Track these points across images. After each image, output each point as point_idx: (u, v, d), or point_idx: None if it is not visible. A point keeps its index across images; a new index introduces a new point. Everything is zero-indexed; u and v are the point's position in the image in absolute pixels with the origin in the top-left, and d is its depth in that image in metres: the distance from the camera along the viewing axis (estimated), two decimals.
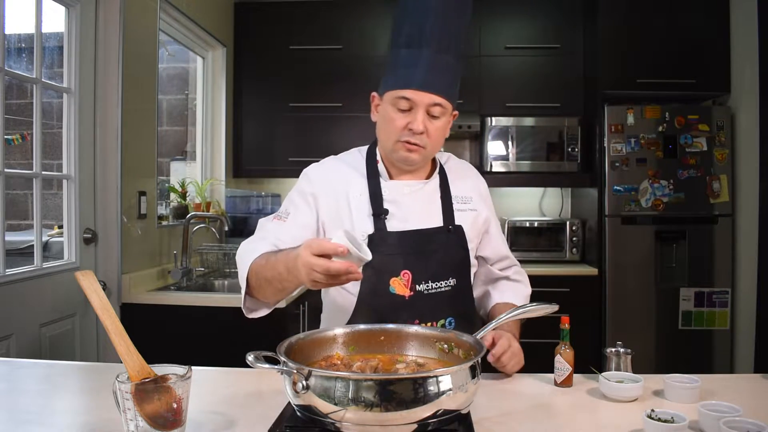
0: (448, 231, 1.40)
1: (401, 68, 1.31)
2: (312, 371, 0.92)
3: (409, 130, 1.31)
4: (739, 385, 1.31)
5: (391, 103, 1.32)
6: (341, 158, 1.50)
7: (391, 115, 1.32)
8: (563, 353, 1.27)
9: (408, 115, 1.31)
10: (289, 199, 1.43)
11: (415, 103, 1.29)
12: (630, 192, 3.34)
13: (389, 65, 1.35)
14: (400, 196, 1.40)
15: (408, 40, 1.31)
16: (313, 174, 1.46)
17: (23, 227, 4.34)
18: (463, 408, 0.98)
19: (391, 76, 1.33)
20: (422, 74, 1.29)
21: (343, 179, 1.42)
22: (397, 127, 1.31)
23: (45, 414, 1.13)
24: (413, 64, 1.29)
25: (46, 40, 2.78)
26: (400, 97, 1.30)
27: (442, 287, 1.36)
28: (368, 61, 3.75)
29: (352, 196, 1.39)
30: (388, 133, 1.34)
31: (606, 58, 3.42)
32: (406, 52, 1.31)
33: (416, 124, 1.29)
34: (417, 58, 1.29)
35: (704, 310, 3.31)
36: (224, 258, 3.25)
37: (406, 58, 1.31)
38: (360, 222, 1.37)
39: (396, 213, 1.38)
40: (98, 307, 0.98)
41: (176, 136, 4.71)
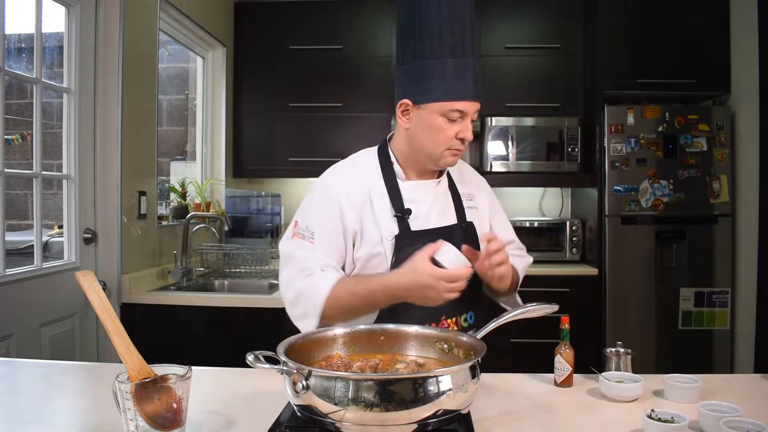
0: (462, 228, 1.43)
1: (451, 79, 1.32)
2: (312, 371, 0.92)
3: (459, 139, 1.35)
4: (739, 385, 1.31)
5: (441, 113, 1.33)
6: (354, 162, 1.49)
7: (442, 125, 1.34)
8: (563, 353, 1.27)
9: (458, 124, 1.34)
10: (309, 216, 1.40)
11: (466, 113, 1.34)
12: (630, 192, 3.34)
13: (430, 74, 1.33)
14: (420, 195, 1.43)
15: (453, 50, 1.33)
16: (331, 184, 1.43)
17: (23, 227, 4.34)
18: (463, 408, 0.98)
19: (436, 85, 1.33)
20: (472, 85, 1.33)
21: (363, 183, 1.42)
22: (448, 136, 1.35)
23: (45, 414, 1.13)
24: (463, 76, 1.32)
25: (46, 40, 2.79)
26: (454, 110, 1.32)
27: None
28: (368, 61, 3.75)
29: (374, 196, 1.40)
30: (437, 142, 1.36)
31: (606, 58, 3.42)
32: (453, 61, 1.32)
33: (469, 134, 1.35)
34: (465, 68, 1.33)
35: (704, 310, 3.31)
36: (224, 258, 3.25)
37: (453, 69, 1.32)
38: (385, 223, 1.38)
39: (417, 212, 1.41)
40: (98, 307, 0.98)
41: (176, 136, 4.71)
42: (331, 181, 1.44)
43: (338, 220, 1.38)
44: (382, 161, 1.45)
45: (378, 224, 1.38)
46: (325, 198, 1.40)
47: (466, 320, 1.42)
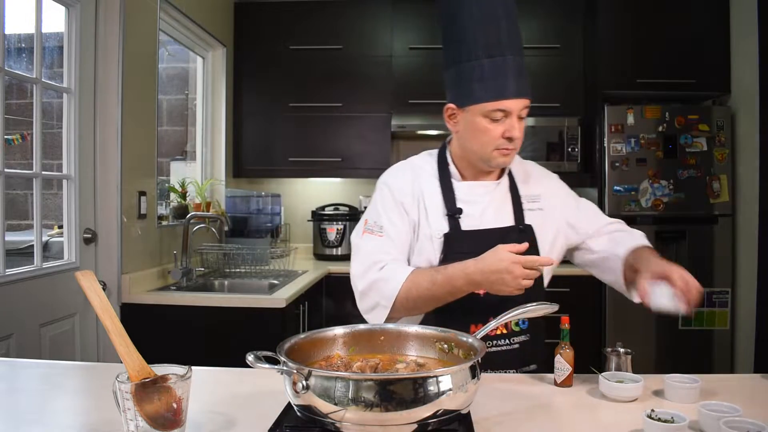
0: (519, 230, 1.42)
1: (490, 79, 1.32)
2: (312, 371, 0.92)
3: (506, 138, 1.35)
4: (739, 385, 1.31)
5: (483, 114, 1.34)
6: (411, 162, 1.53)
7: (486, 126, 1.35)
8: (563, 353, 1.27)
9: (502, 124, 1.34)
10: (377, 212, 1.46)
11: (509, 111, 1.33)
12: (630, 192, 3.34)
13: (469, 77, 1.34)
14: (474, 196, 1.44)
15: (489, 50, 1.33)
16: (392, 182, 1.48)
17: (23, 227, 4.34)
18: (463, 408, 0.98)
19: (477, 87, 1.34)
20: (513, 82, 1.32)
21: (418, 181, 1.46)
22: (494, 137, 1.35)
23: (45, 414, 1.13)
24: (502, 74, 1.32)
25: (46, 40, 2.79)
26: (496, 110, 1.32)
27: None
28: (368, 61, 3.75)
29: (426, 196, 1.44)
30: (483, 143, 1.37)
31: (606, 58, 3.42)
32: (489, 62, 1.32)
33: (515, 132, 1.34)
34: (503, 66, 1.32)
35: (704, 310, 3.31)
36: (224, 258, 3.25)
37: (491, 68, 1.32)
38: (435, 221, 1.41)
39: (470, 212, 1.42)
40: (98, 307, 0.98)
41: (176, 136, 4.71)
42: (389, 179, 1.50)
43: (403, 213, 1.43)
44: (439, 162, 1.48)
45: (429, 223, 1.41)
46: (387, 195, 1.46)
47: (518, 324, 1.41)
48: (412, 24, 3.77)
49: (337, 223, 3.77)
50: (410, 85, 3.72)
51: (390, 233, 1.42)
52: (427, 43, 3.73)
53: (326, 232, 3.78)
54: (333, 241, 3.75)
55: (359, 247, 1.44)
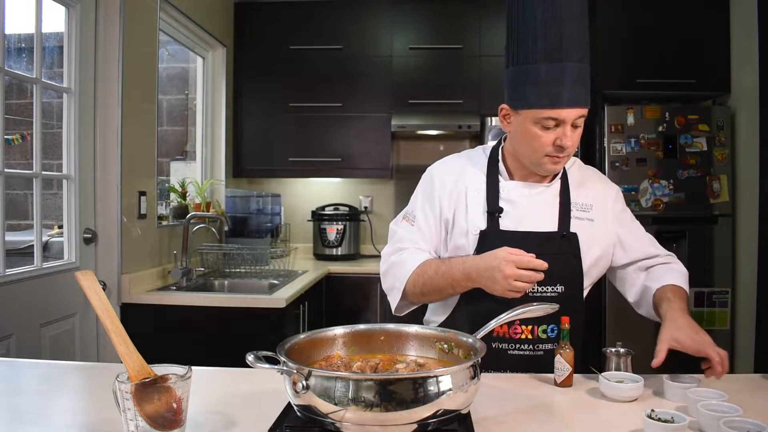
0: (561, 237, 1.38)
1: (544, 86, 1.27)
2: (312, 371, 0.92)
3: (557, 146, 1.31)
4: (739, 385, 1.31)
5: (534, 121, 1.30)
6: (465, 155, 1.54)
7: (537, 132, 1.31)
8: (563, 353, 1.27)
9: (554, 131, 1.30)
10: (415, 202, 1.50)
11: (562, 120, 1.29)
12: (630, 192, 3.34)
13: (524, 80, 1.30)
14: (518, 196, 1.42)
15: (548, 54, 1.27)
16: (436, 174, 1.50)
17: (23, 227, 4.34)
18: (463, 408, 0.98)
19: (530, 92, 1.29)
20: (568, 91, 1.27)
21: (463, 174, 1.46)
22: (544, 144, 1.32)
23: (45, 414, 1.13)
24: (557, 81, 1.26)
25: (46, 40, 2.79)
26: (548, 117, 1.28)
27: (548, 292, 1.36)
28: (368, 61, 3.75)
29: (470, 192, 1.43)
30: (533, 149, 1.34)
31: (606, 58, 3.42)
32: (546, 67, 1.27)
33: (566, 141, 1.29)
34: (560, 73, 1.26)
35: (704, 310, 3.31)
36: (224, 258, 3.25)
37: (547, 74, 1.27)
38: (474, 217, 1.41)
39: (511, 212, 1.40)
40: (98, 307, 0.98)
41: (176, 136, 4.71)
42: (434, 169, 1.51)
43: (437, 206, 1.45)
44: (490, 158, 1.47)
45: (467, 218, 1.41)
46: (427, 185, 1.48)
47: (545, 332, 1.37)
48: (412, 24, 3.77)
49: (337, 223, 3.77)
50: (410, 85, 3.72)
51: (421, 224, 1.45)
52: (427, 43, 3.73)
53: (326, 232, 3.78)
54: (333, 241, 3.75)
55: (392, 232, 1.49)
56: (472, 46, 3.70)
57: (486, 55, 3.70)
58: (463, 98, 3.69)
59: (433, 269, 1.35)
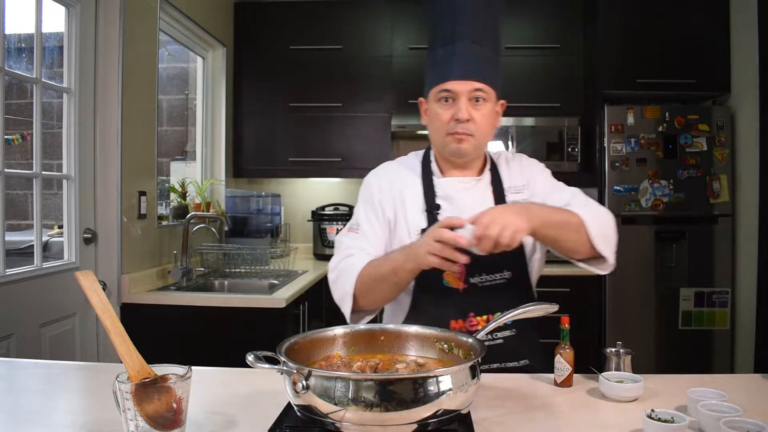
0: None
1: (439, 65, 1.37)
2: (312, 371, 0.92)
3: (455, 120, 1.35)
4: (739, 385, 1.31)
5: (434, 99, 1.38)
6: (398, 161, 1.56)
7: (437, 110, 1.38)
8: (563, 353, 1.27)
9: (452, 107, 1.36)
10: (357, 211, 1.50)
11: (456, 93, 1.35)
12: (630, 192, 3.34)
13: (428, 68, 1.41)
14: (453, 192, 1.44)
15: (443, 40, 1.37)
16: (373, 180, 1.51)
17: (23, 227, 4.34)
18: (463, 408, 0.98)
19: (429, 75, 1.40)
20: (459, 64, 1.34)
21: (399, 179, 1.48)
22: (443, 120, 1.37)
23: (45, 414, 1.13)
24: (448, 59, 1.36)
25: (46, 40, 2.78)
26: (442, 90, 1.35)
27: (496, 279, 1.39)
28: (368, 61, 3.75)
29: (406, 194, 1.45)
30: (436, 128, 1.40)
31: (606, 58, 3.42)
32: (441, 51, 1.37)
33: (461, 113, 1.34)
34: (452, 53, 1.36)
35: (704, 310, 3.31)
36: (224, 258, 3.25)
37: (441, 56, 1.37)
38: (414, 218, 1.42)
39: (448, 208, 1.42)
40: (98, 307, 0.98)
41: (176, 136, 4.71)
42: (370, 178, 1.53)
43: (378, 210, 1.45)
44: (423, 159, 1.50)
45: (407, 219, 1.42)
46: (366, 193, 1.49)
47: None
48: (412, 24, 3.77)
49: (337, 223, 3.77)
50: (410, 85, 3.71)
51: (366, 231, 1.44)
52: (427, 43, 3.72)
53: (326, 232, 3.78)
54: (333, 241, 3.74)
55: (337, 243, 1.47)
56: None
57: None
58: None
59: (378, 261, 1.34)
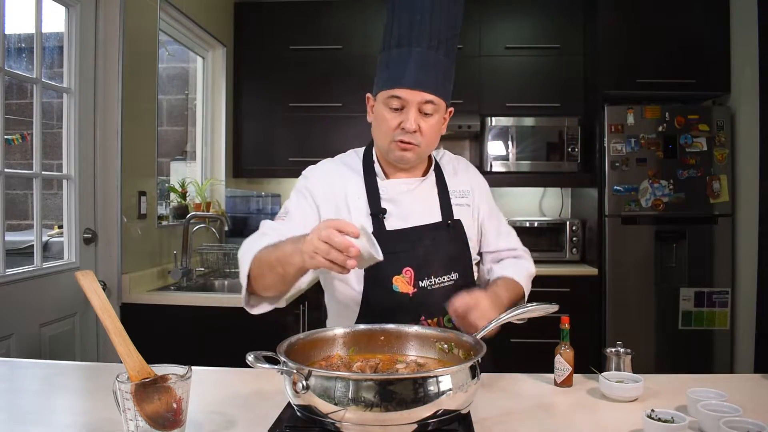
0: (447, 226, 1.39)
1: (392, 68, 1.31)
2: (312, 371, 0.92)
3: (402, 129, 1.31)
4: (739, 385, 1.31)
5: (383, 103, 1.32)
6: (338, 159, 1.50)
7: (385, 114, 1.32)
8: (563, 353, 1.27)
9: (400, 114, 1.31)
10: (289, 200, 1.43)
11: (406, 101, 1.30)
12: (630, 192, 3.34)
13: (380, 66, 1.35)
14: (398, 194, 1.40)
15: (398, 40, 1.32)
16: (311, 174, 1.46)
17: (23, 227, 4.34)
18: (463, 408, 0.98)
19: (382, 76, 1.34)
20: (413, 72, 1.28)
21: (341, 179, 1.42)
22: (390, 126, 1.32)
23: (45, 414, 1.13)
24: (403, 63, 1.29)
25: (46, 40, 2.79)
26: (392, 97, 1.30)
27: (445, 282, 1.37)
28: (368, 61, 3.74)
29: (350, 196, 1.40)
30: (382, 133, 1.35)
31: (606, 58, 3.42)
32: (396, 51, 1.32)
33: (408, 123, 1.30)
34: (407, 56, 1.30)
35: (704, 310, 3.31)
36: (224, 258, 3.25)
37: (396, 58, 1.31)
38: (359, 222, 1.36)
39: (394, 211, 1.38)
40: (98, 307, 0.98)
41: (176, 136, 4.71)
42: (312, 170, 1.47)
43: (313, 204, 1.39)
44: (365, 160, 1.44)
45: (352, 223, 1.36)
46: (302, 189, 1.42)
47: (450, 321, 1.36)
48: None
49: None
50: None
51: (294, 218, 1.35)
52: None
53: None
54: None
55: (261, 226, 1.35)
56: (472, 46, 3.69)
57: (486, 55, 3.70)
58: (462, 98, 3.68)
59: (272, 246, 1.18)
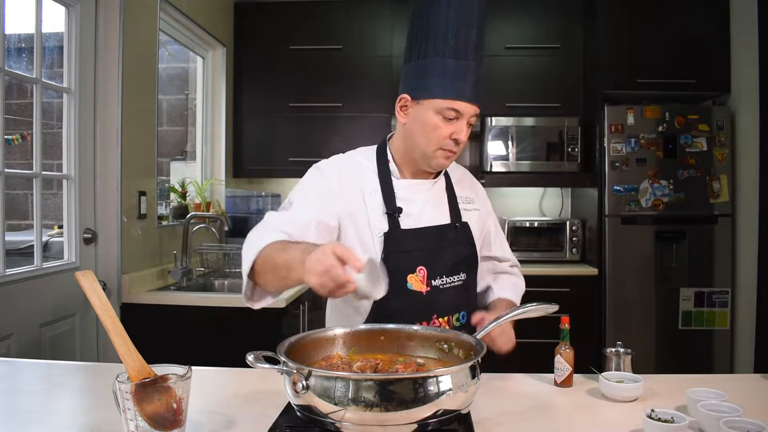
0: (455, 228, 1.44)
1: (451, 79, 1.33)
2: (312, 371, 0.92)
3: (453, 139, 1.35)
4: (739, 385, 1.31)
5: (436, 111, 1.34)
6: (351, 156, 1.50)
7: (437, 123, 1.34)
8: (563, 353, 1.27)
9: (453, 125, 1.34)
10: (297, 192, 1.40)
11: (462, 114, 1.33)
12: (630, 192, 3.34)
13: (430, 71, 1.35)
14: (413, 194, 1.43)
15: (455, 51, 1.34)
16: (326, 170, 1.44)
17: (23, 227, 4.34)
18: (463, 408, 0.98)
19: (435, 83, 1.34)
20: (471, 87, 1.34)
21: (357, 176, 1.43)
22: (442, 135, 1.34)
23: (45, 414, 1.13)
24: (462, 76, 1.33)
25: (46, 40, 2.79)
26: (450, 108, 1.32)
27: (455, 282, 1.40)
28: (368, 61, 3.75)
29: (366, 193, 1.41)
30: (430, 140, 1.36)
31: (606, 58, 3.42)
32: (453, 62, 1.33)
33: (463, 135, 1.35)
34: (465, 69, 1.33)
35: (704, 310, 3.31)
36: (224, 258, 3.25)
37: (454, 68, 1.33)
38: (375, 220, 1.39)
39: (409, 211, 1.41)
40: (98, 307, 0.98)
41: (176, 136, 4.71)
42: (327, 165, 1.46)
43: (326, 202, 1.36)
44: (379, 159, 1.46)
45: (369, 220, 1.39)
46: (313, 180, 1.42)
47: (458, 320, 1.42)
48: None
49: None
50: None
51: (300, 212, 1.33)
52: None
53: None
54: None
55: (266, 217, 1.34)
56: None
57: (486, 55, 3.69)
58: None
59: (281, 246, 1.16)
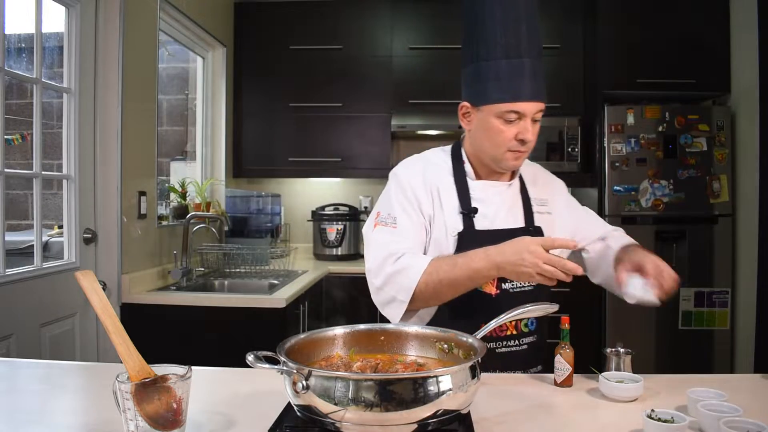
0: (529, 232, 1.42)
1: (506, 80, 1.32)
2: (312, 371, 0.92)
3: (519, 140, 1.34)
4: (739, 385, 1.31)
5: (497, 115, 1.34)
6: (426, 157, 1.52)
7: (500, 127, 1.34)
8: (563, 353, 1.27)
9: (516, 125, 1.34)
10: (389, 204, 1.43)
11: (524, 114, 1.33)
12: (630, 192, 3.34)
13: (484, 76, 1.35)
14: (487, 195, 1.44)
15: (506, 50, 1.33)
16: (405, 176, 1.46)
17: (23, 227, 4.34)
18: (463, 408, 0.98)
19: (491, 87, 1.34)
20: (529, 85, 1.32)
21: (434, 176, 1.45)
22: (507, 138, 1.35)
23: (45, 414, 1.13)
24: (518, 76, 1.32)
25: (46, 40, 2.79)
26: (510, 111, 1.32)
27: (525, 286, 1.40)
28: (368, 61, 3.75)
29: (442, 192, 1.43)
30: (496, 144, 1.37)
31: (606, 58, 3.42)
32: (506, 63, 1.32)
33: (528, 135, 1.34)
34: (520, 68, 1.32)
35: (704, 310, 3.31)
36: (224, 258, 3.25)
37: (508, 69, 1.32)
38: (451, 219, 1.40)
39: (483, 212, 1.41)
40: (98, 307, 0.98)
41: (176, 136, 4.71)
42: (403, 171, 1.47)
43: (416, 205, 1.41)
44: (454, 159, 1.47)
45: (444, 219, 1.40)
46: (401, 187, 1.44)
47: (527, 325, 1.41)
48: (412, 24, 3.77)
49: (337, 223, 3.77)
50: (410, 85, 3.72)
51: (404, 225, 1.39)
52: (426, 43, 3.73)
53: (326, 232, 3.78)
54: (333, 241, 3.75)
55: (372, 240, 1.40)
56: None
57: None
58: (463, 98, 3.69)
59: (449, 263, 1.28)
